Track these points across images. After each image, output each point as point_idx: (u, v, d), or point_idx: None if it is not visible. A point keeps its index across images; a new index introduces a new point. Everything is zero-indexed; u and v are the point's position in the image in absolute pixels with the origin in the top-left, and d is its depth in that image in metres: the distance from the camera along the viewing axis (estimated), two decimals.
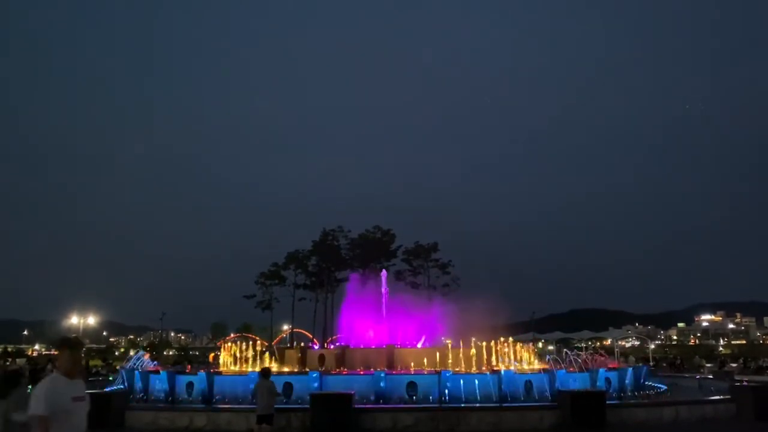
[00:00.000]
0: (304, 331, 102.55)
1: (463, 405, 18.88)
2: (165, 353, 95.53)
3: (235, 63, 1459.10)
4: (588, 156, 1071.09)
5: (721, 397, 20.55)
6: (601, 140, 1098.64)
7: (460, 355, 25.15)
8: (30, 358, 58.95)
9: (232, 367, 28.48)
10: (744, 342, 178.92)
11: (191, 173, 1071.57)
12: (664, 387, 27.27)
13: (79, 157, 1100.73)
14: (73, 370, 5.80)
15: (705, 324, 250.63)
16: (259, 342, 43.11)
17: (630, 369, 26.37)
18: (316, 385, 19.80)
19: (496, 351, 27.28)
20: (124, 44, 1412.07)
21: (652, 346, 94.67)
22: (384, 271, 36.50)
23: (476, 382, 20.48)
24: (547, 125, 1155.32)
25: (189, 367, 36.21)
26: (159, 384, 23.25)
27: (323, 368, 24.01)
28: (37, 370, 37.22)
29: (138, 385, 24.11)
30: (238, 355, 29.00)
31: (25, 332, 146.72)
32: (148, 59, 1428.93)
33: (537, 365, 28.32)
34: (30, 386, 27.24)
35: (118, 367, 42.01)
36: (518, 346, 30.35)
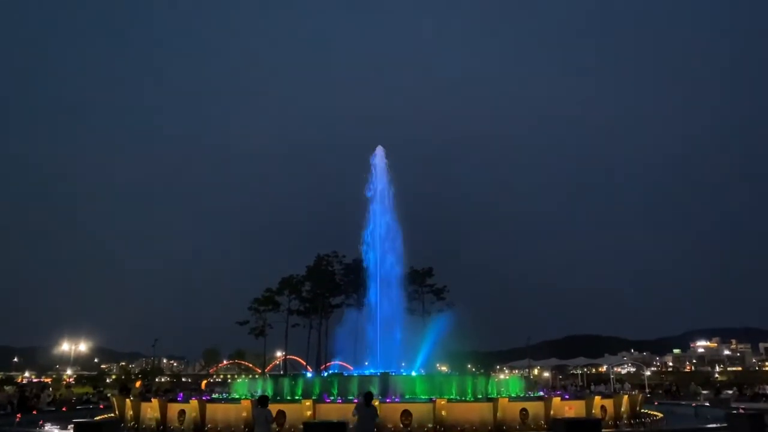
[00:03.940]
0: (297, 358, 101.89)
1: None
2: (157, 380, 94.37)
3: (234, 76, 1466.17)
4: (584, 176, 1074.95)
5: (718, 425, 20.46)
6: (597, 164, 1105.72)
7: (456, 382, 25.01)
8: (19, 386, 58.06)
9: None
10: (740, 368, 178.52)
11: (185, 199, 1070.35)
12: (660, 414, 27.15)
13: (71, 183, 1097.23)
14: None
15: (700, 350, 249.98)
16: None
17: (626, 396, 26.26)
18: (309, 413, 19.62)
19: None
20: (118, 61, 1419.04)
21: (648, 373, 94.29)
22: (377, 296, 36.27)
23: (471, 410, 20.35)
24: (534, 147, 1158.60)
25: (181, 394, 35.79)
26: (150, 412, 23.00)
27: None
28: (26, 397, 36.69)
29: (129, 413, 23.85)
30: None
31: (15, 359, 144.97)
32: (143, 79, 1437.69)
33: None
34: (19, 414, 26.66)
35: (109, 395, 41.51)
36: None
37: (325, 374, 38.98)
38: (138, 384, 66.40)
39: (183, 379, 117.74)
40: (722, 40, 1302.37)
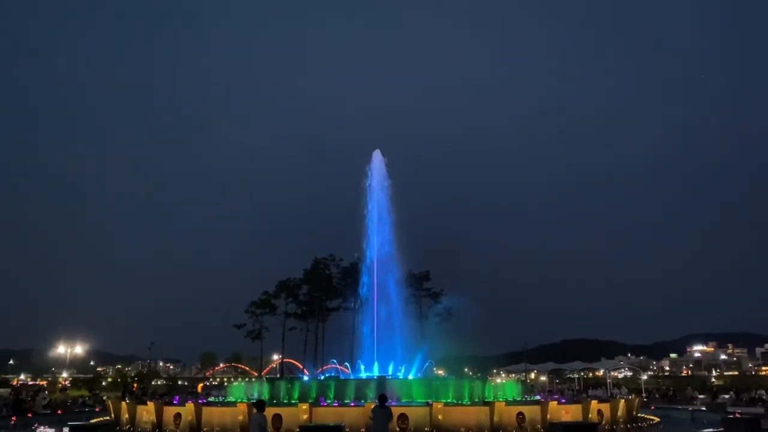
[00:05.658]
0: (294, 362, 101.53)
1: None
2: (153, 383, 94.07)
3: (232, 88, 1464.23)
4: (582, 179, 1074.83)
5: (714, 429, 20.47)
6: (593, 169, 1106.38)
7: (452, 386, 24.99)
8: (14, 388, 57.88)
9: None
10: (736, 373, 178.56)
11: (183, 202, 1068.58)
12: (657, 419, 27.15)
13: (70, 186, 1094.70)
14: None
15: (697, 355, 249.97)
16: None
17: (622, 400, 26.26)
18: (306, 417, 19.58)
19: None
20: (117, 64, 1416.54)
21: (645, 377, 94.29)
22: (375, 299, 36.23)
23: (468, 413, 20.32)
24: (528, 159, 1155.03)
25: (177, 397, 35.74)
26: (146, 415, 22.93)
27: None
28: (22, 400, 36.54)
29: (124, 416, 23.77)
30: None
31: (11, 362, 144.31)
32: (145, 91, 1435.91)
33: None
34: (14, 417, 26.57)
35: (104, 398, 41.37)
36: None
37: (322, 378, 38.91)
38: (134, 387, 66.21)
39: (179, 383, 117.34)
40: (717, 38, 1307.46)
